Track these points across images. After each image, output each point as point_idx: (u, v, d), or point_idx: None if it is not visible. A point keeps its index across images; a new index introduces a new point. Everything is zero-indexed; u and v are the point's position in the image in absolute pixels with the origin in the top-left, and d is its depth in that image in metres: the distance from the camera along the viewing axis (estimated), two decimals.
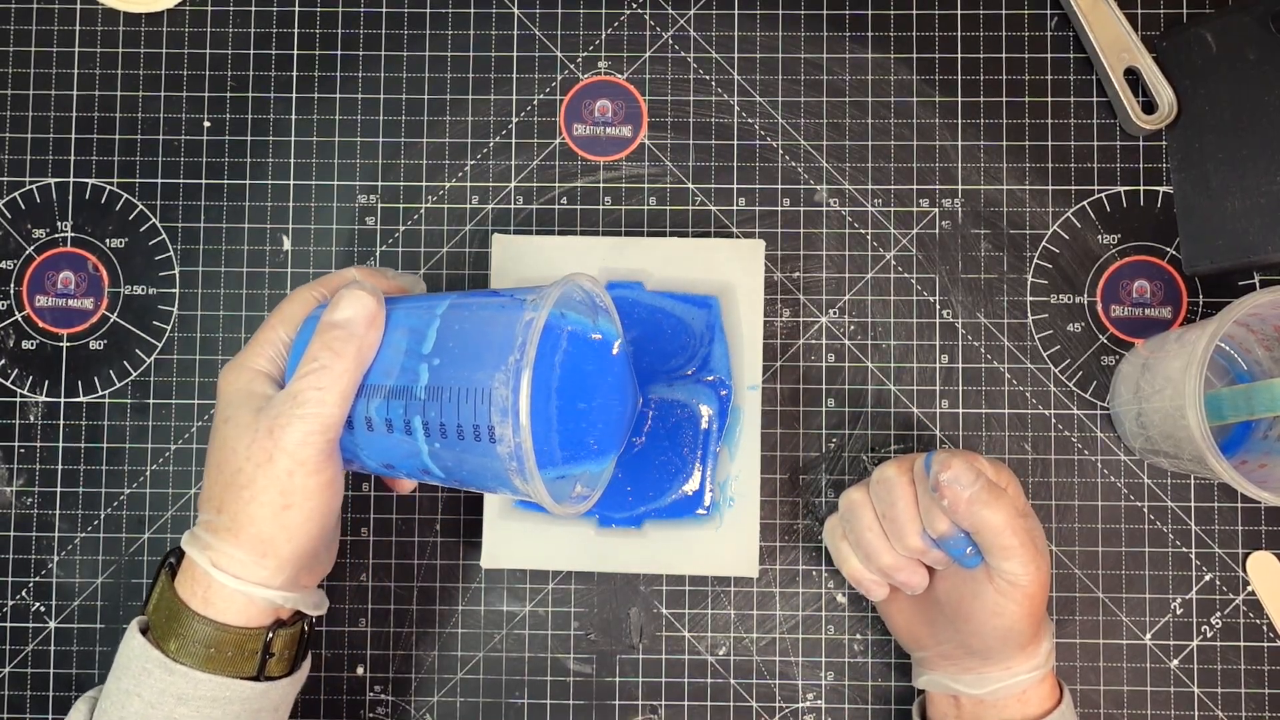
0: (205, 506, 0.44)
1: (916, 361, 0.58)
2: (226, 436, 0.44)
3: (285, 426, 0.42)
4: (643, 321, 0.56)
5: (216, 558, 0.43)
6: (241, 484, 0.43)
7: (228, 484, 0.43)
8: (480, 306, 0.45)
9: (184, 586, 0.44)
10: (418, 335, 0.44)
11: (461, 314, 0.44)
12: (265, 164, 0.60)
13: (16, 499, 0.58)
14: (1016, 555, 0.46)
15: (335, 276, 0.48)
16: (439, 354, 0.43)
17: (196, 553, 0.44)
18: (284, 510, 0.43)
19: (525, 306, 0.43)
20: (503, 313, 0.44)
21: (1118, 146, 0.59)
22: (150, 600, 0.45)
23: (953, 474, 0.45)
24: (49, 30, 0.60)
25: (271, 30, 0.60)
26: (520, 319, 0.43)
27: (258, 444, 0.43)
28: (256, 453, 0.42)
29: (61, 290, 0.59)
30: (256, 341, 0.46)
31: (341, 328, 0.43)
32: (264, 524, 0.43)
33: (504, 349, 0.42)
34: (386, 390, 0.44)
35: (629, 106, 0.59)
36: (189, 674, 0.43)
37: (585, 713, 0.57)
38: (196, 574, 0.44)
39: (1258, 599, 0.57)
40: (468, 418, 0.43)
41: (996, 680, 0.49)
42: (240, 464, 0.43)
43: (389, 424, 0.44)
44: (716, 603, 0.57)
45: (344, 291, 0.44)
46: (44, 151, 0.60)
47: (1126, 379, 0.55)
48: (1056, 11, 0.59)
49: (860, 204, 0.59)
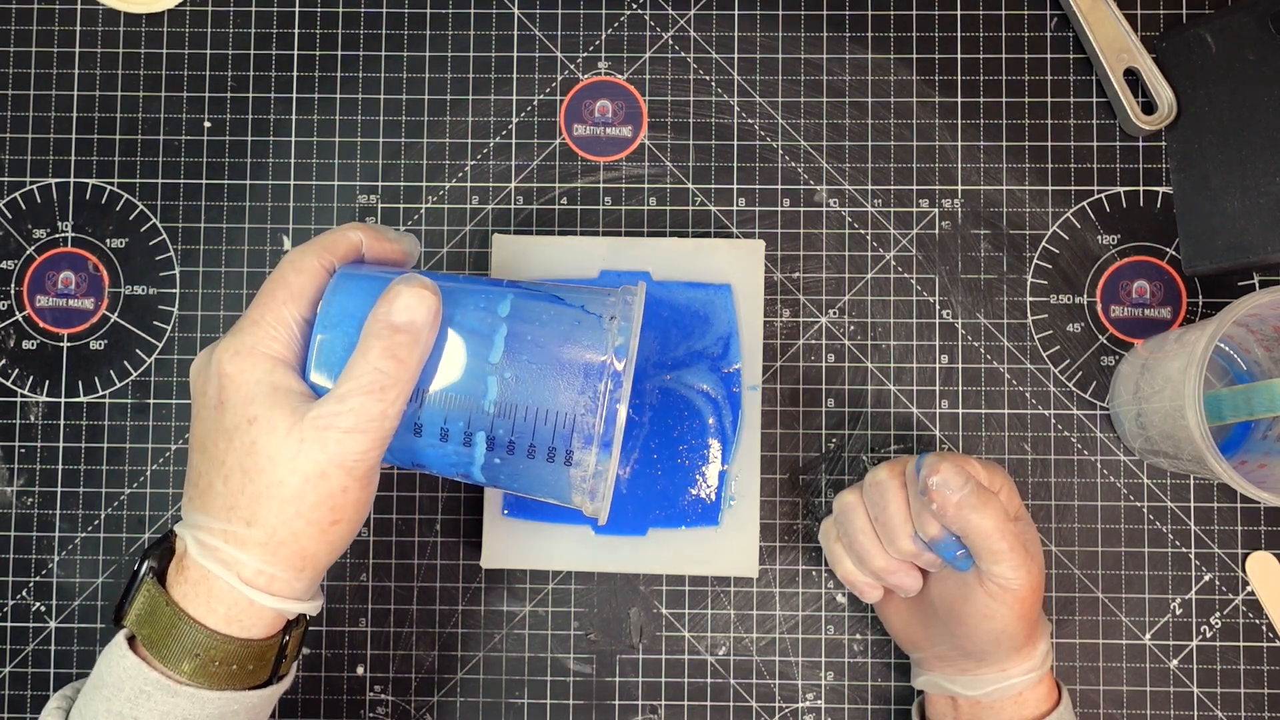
0: (223, 514, 0.40)
1: (916, 362, 0.58)
2: (256, 440, 0.39)
3: (342, 441, 0.38)
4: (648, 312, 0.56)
5: (246, 574, 0.39)
6: (284, 498, 0.39)
7: (263, 496, 0.39)
8: (552, 317, 0.42)
9: (195, 603, 0.40)
10: (481, 340, 0.41)
11: (531, 323, 0.42)
12: (265, 164, 0.60)
13: (17, 499, 0.58)
14: (1006, 559, 0.46)
15: (338, 238, 0.43)
16: (512, 367, 0.41)
17: (218, 568, 0.39)
18: (332, 526, 0.39)
19: (604, 325, 0.42)
20: (580, 329, 0.42)
21: (1117, 147, 0.59)
22: (132, 612, 0.41)
23: (941, 478, 0.45)
24: (49, 30, 0.60)
25: (271, 30, 0.60)
26: (606, 340, 0.41)
27: (305, 456, 0.38)
28: (304, 465, 0.38)
29: (62, 290, 0.59)
30: (263, 321, 0.40)
31: (405, 332, 0.39)
32: (308, 541, 0.39)
33: (589, 372, 0.41)
34: (446, 399, 0.41)
35: (629, 107, 0.59)
36: (195, 694, 0.40)
37: (585, 713, 0.57)
38: (214, 589, 0.40)
39: (1257, 599, 0.57)
40: (543, 439, 0.41)
41: (992, 682, 0.49)
42: (282, 476, 0.39)
43: (444, 434, 0.41)
44: (716, 603, 0.57)
45: (403, 287, 0.39)
46: (44, 151, 0.60)
47: (1126, 379, 0.55)
48: (1056, 12, 0.59)
49: (860, 204, 0.59)
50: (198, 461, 0.41)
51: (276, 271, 0.41)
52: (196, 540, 0.40)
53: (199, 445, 0.41)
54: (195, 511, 0.41)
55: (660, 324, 0.56)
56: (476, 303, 0.42)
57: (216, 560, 0.40)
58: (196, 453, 0.41)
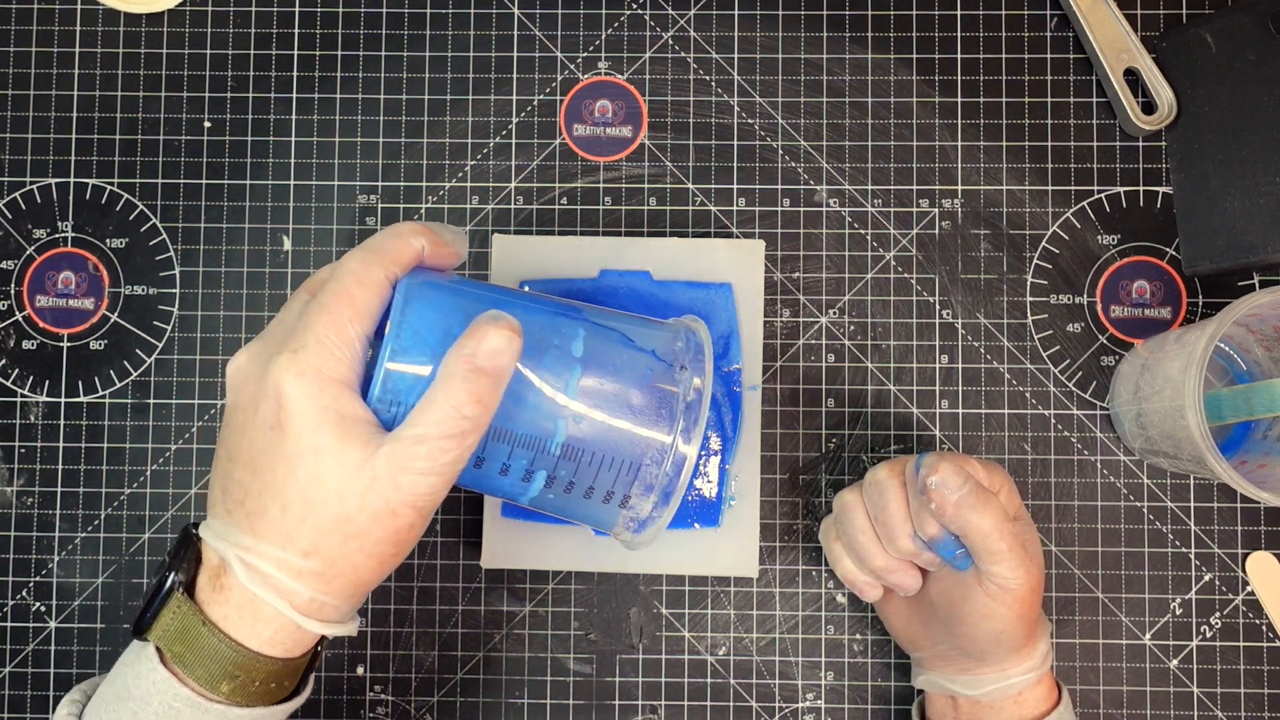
0: (278, 542, 0.38)
1: (916, 362, 0.58)
2: (323, 474, 0.37)
3: (416, 482, 0.37)
4: (650, 311, 0.56)
5: (298, 602, 0.38)
6: (350, 533, 0.38)
7: (325, 529, 0.37)
8: (625, 363, 0.41)
9: (238, 626, 0.38)
10: (555, 382, 0.40)
11: (605, 367, 0.41)
12: (265, 164, 0.60)
13: (17, 499, 0.58)
14: (1005, 559, 0.46)
15: (402, 247, 0.40)
16: (582, 412, 0.40)
17: (270, 595, 0.38)
18: (392, 558, 0.39)
19: (675, 375, 0.42)
20: (651, 377, 0.42)
21: (1117, 147, 0.59)
22: (158, 628, 0.39)
23: (940, 478, 0.45)
24: (49, 30, 0.60)
25: (272, 30, 0.60)
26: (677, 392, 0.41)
27: (376, 495, 0.37)
28: (374, 503, 0.37)
29: (62, 290, 0.59)
30: (328, 341, 0.38)
31: (489, 375, 0.37)
32: (366, 572, 0.39)
33: (657, 423, 0.41)
34: (514, 437, 0.40)
35: (629, 107, 0.59)
36: (225, 711, 0.39)
37: (585, 713, 0.57)
38: (260, 613, 0.38)
39: (1257, 599, 0.57)
40: (604, 483, 0.41)
41: (991, 682, 0.49)
42: (349, 511, 0.37)
43: (506, 469, 0.41)
44: (716, 603, 0.57)
45: (490, 328, 0.38)
46: (44, 152, 0.60)
47: (1126, 379, 0.55)
48: (1056, 12, 0.59)
49: (860, 204, 0.59)
50: (244, 479, 0.38)
51: (338, 283, 0.38)
52: (244, 564, 0.38)
53: (247, 463, 0.38)
54: (241, 532, 0.38)
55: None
56: (551, 340, 0.41)
57: (269, 588, 0.38)
58: (243, 469, 0.38)
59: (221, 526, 0.39)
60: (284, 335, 0.39)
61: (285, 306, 0.41)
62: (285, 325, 0.40)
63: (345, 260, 0.39)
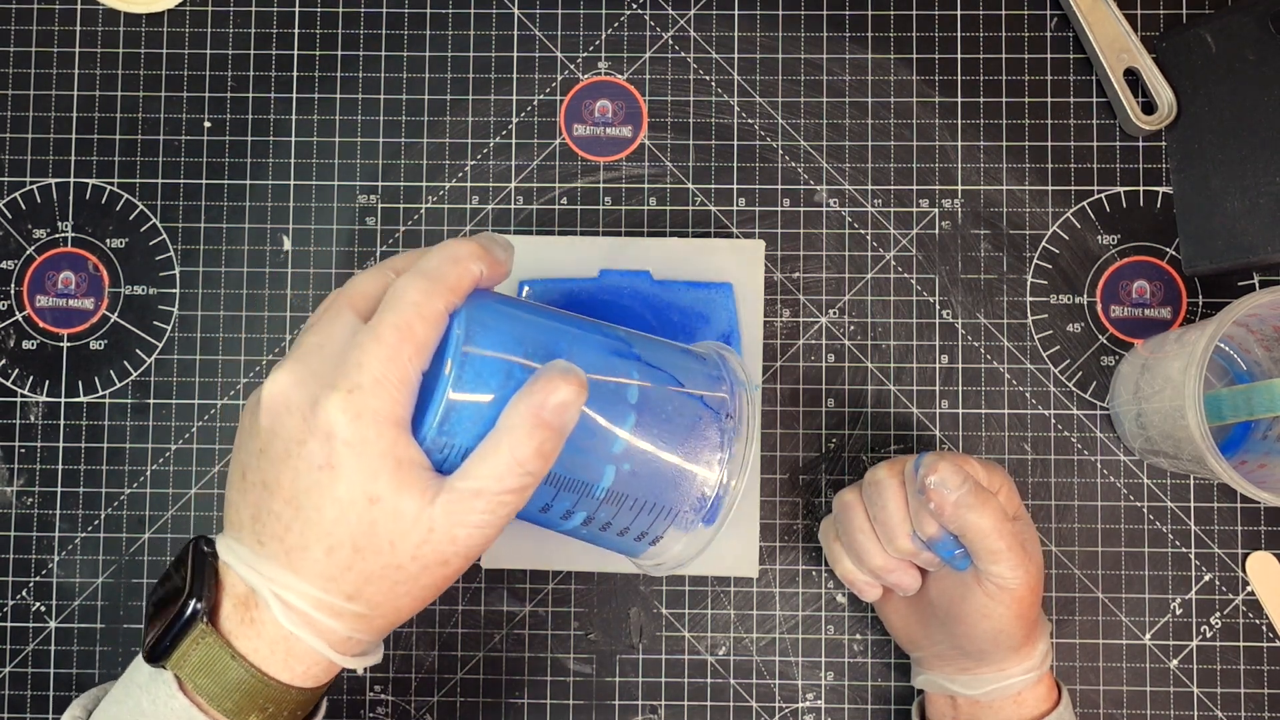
0: (320, 583, 0.36)
1: (916, 362, 0.58)
2: (377, 522, 0.35)
3: (471, 537, 0.36)
4: (650, 311, 0.56)
5: (335, 640, 0.37)
6: (398, 580, 0.36)
7: (373, 576, 0.36)
8: (676, 409, 0.41)
9: (271, 661, 0.37)
10: (610, 427, 0.39)
11: (657, 415, 0.40)
12: (265, 164, 0.60)
13: (17, 499, 0.58)
14: (1003, 559, 0.46)
15: (462, 275, 0.37)
16: (631, 459, 0.40)
17: (309, 635, 0.37)
18: (433, 598, 0.38)
19: (721, 424, 0.41)
20: (700, 427, 0.41)
21: (1117, 147, 0.59)
22: (178, 657, 0.37)
23: (939, 477, 0.45)
24: (49, 30, 0.60)
25: (272, 30, 0.60)
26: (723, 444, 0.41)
27: (431, 546, 0.36)
28: (427, 554, 0.36)
29: (62, 290, 0.59)
30: (388, 382, 0.35)
31: (555, 429, 0.36)
32: (407, 613, 0.38)
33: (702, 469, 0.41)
34: (559, 480, 0.39)
35: (629, 107, 0.59)
36: None
37: (585, 713, 0.57)
38: (295, 649, 0.37)
39: (1257, 599, 0.57)
40: (641, 525, 0.41)
41: (991, 681, 0.49)
42: (401, 561, 0.36)
43: (547, 508, 0.40)
44: (716, 603, 0.57)
45: (560, 382, 0.36)
46: (44, 152, 0.60)
47: (1126, 379, 0.55)
48: (1056, 12, 0.59)
49: (860, 204, 0.59)
50: (284, 513, 0.36)
51: (398, 316, 0.36)
52: (281, 601, 0.37)
53: (289, 499, 0.36)
54: (278, 567, 0.37)
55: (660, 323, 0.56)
56: (608, 384, 0.39)
57: (309, 629, 0.37)
58: (283, 503, 0.36)
59: (250, 555, 0.37)
60: (331, 364, 0.36)
61: (324, 320, 0.38)
62: (331, 351, 0.37)
63: (404, 289, 0.36)
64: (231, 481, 0.39)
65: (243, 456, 0.38)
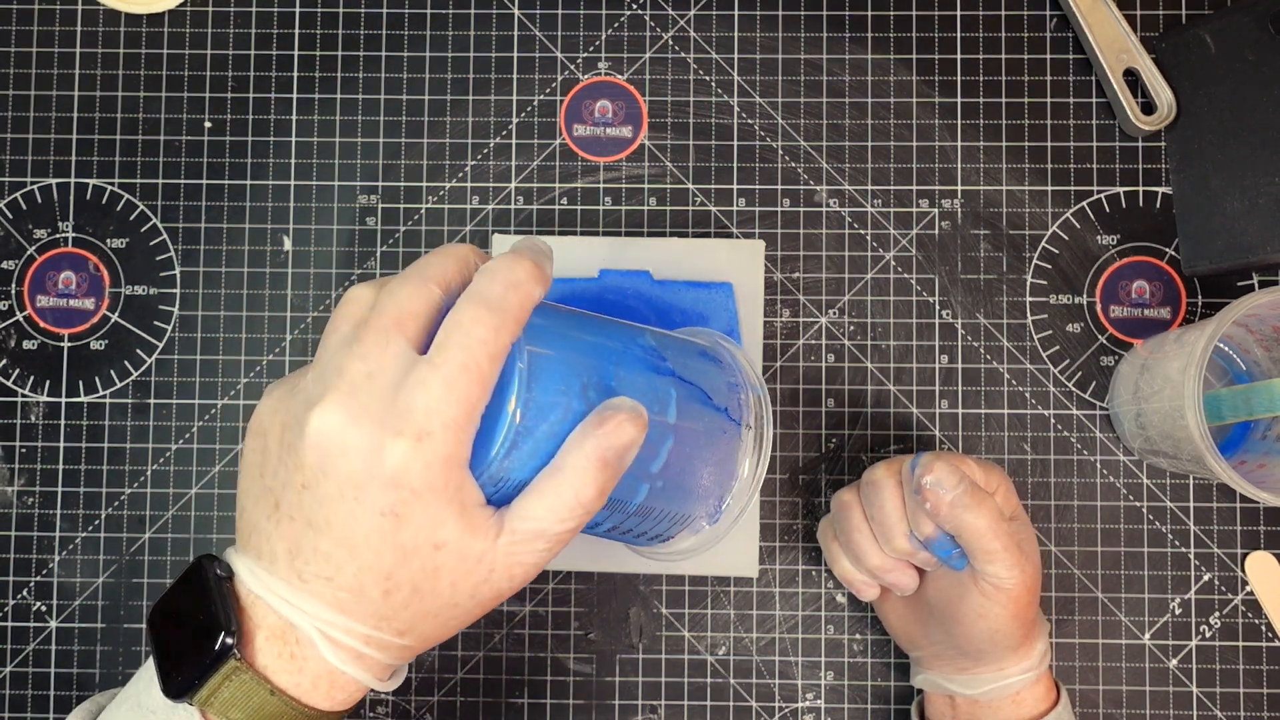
0: (372, 622, 0.35)
1: (916, 362, 0.58)
2: (440, 566, 0.35)
3: (527, 573, 0.36)
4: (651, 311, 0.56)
5: (378, 670, 0.37)
6: (453, 615, 0.36)
7: (431, 615, 0.36)
8: (706, 425, 0.42)
9: (314, 694, 0.36)
10: (648, 449, 0.39)
11: (690, 432, 0.41)
12: (266, 164, 0.60)
13: (18, 499, 0.58)
14: (999, 559, 0.46)
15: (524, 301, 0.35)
16: (664, 477, 0.40)
17: (357, 671, 0.36)
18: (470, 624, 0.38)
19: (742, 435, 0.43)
20: (724, 439, 0.43)
21: (1117, 147, 0.59)
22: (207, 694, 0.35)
23: (935, 477, 0.45)
24: (50, 31, 0.60)
25: (272, 31, 0.60)
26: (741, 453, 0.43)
27: (490, 586, 0.36)
28: (486, 593, 0.36)
29: (63, 290, 0.59)
30: (458, 428, 0.34)
31: (618, 469, 0.36)
32: (445, 636, 0.37)
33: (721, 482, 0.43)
34: None
35: (629, 107, 0.59)
36: None
37: (585, 713, 0.57)
38: (338, 681, 0.36)
39: (1256, 599, 0.57)
40: (660, 530, 0.43)
41: (989, 681, 0.49)
42: (459, 600, 0.36)
43: None
44: (716, 602, 0.57)
45: (624, 420, 0.36)
46: (45, 152, 0.60)
47: (1125, 379, 0.55)
48: (1056, 12, 0.59)
49: (860, 204, 0.59)
50: (335, 554, 0.34)
51: (467, 355, 0.34)
52: (329, 640, 0.35)
53: (342, 541, 0.34)
54: (324, 606, 0.35)
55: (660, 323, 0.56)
56: (652, 407, 0.39)
57: (357, 664, 0.36)
58: (334, 544, 0.34)
59: (288, 590, 0.35)
60: (386, 400, 0.34)
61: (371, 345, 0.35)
62: (385, 385, 0.34)
63: (469, 323, 0.34)
64: (255, 507, 0.36)
65: (271, 484, 0.36)
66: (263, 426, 0.37)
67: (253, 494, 0.36)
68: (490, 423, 0.35)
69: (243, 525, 0.37)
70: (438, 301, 0.36)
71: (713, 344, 0.47)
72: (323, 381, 0.34)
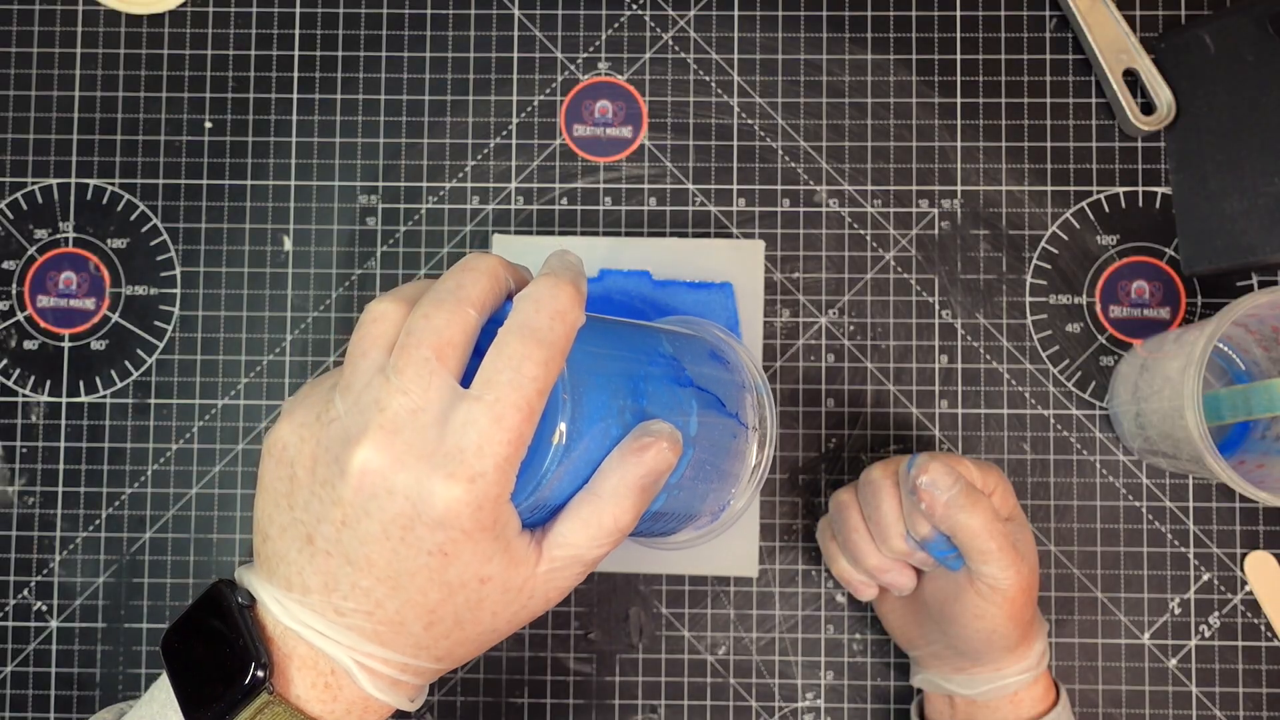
0: (411, 652, 0.35)
1: (916, 362, 0.58)
2: (484, 599, 0.35)
3: (563, 591, 0.36)
4: (652, 311, 0.56)
5: (410, 692, 0.37)
6: (487, 639, 0.37)
7: (469, 642, 0.36)
8: (720, 433, 0.43)
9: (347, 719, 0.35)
10: None
11: (707, 440, 0.42)
12: (266, 164, 0.60)
13: (18, 499, 0.58)
14: (994, 560, 0.46)
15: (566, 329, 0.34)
16: (681, 486, 0.41)
17: (394, 698, 0.36)
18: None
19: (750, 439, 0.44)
20: (734, 444, 0.44)
21: (1116, 147, 0.59)
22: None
23: (930, 478, 0.45)
24: (50, 31, 0.60)
25: (272, 31, 0.60)
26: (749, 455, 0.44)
27: (528, 611, 0.36)
28: (522, 616, 0.36)
29: (63, 290, 0.59)
30: (506, 466, 0.33)
31: (653, 493, 0.36)
32: (477, 655, 0.38)
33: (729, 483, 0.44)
34: None
35: (629, 107, 0.59)
36: None
37: (585, 713, 0.57)
38: (371, 705, 0.35)
39: (1255, 599, 0.57)
40: (668, 528, 0.43)
41: (987, 681, 0.49)
42: (498, 626, 0.36)
43: None
44: (716, 602, 0.58)
45: (663, 446, 0.36)
46: (45, 152, 0.60)
47: (1125, 379, 0.55)
48: (1055, 13, 0.59)
49: (860, 204, 0.59)
50: (376, 591, 0.34)
51: (519, 394, 0.33)
52: (367, 670, 0.35)
53: (384, 578, 0.34)
54: (363, 639, 0.35)
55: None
56: (676, 421, 0.39)
57: (394, 691, 0.36)
58: (375, 581, 0.34)
59: (323, 624, 0.34)
60: (432, 438, 0.33)
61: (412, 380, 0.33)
62: (429, 421, 0.33)
63: (520, 359, 0.33)
64: (282, 536, 0.35)
65: (302, 516, 0.35)
66: (288, 455, 0.35)
67: (279, 522, 0.35)
68: (531, 450, 0.34)
69: (266, 551, 0.36)
70: (475, 327, 0.34)
71: (716, 340, 0.47)
72: (360, 415, 0.33)
